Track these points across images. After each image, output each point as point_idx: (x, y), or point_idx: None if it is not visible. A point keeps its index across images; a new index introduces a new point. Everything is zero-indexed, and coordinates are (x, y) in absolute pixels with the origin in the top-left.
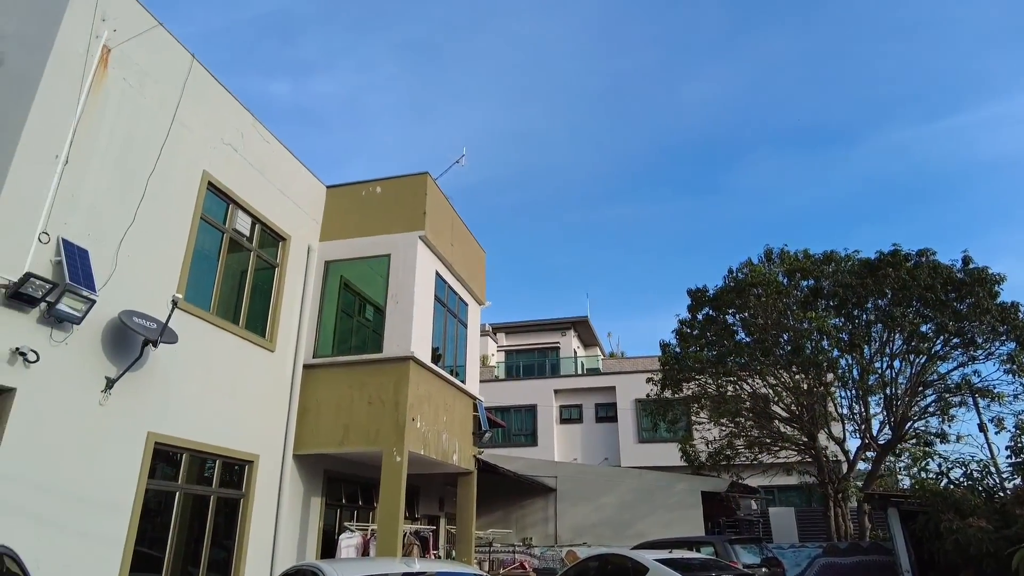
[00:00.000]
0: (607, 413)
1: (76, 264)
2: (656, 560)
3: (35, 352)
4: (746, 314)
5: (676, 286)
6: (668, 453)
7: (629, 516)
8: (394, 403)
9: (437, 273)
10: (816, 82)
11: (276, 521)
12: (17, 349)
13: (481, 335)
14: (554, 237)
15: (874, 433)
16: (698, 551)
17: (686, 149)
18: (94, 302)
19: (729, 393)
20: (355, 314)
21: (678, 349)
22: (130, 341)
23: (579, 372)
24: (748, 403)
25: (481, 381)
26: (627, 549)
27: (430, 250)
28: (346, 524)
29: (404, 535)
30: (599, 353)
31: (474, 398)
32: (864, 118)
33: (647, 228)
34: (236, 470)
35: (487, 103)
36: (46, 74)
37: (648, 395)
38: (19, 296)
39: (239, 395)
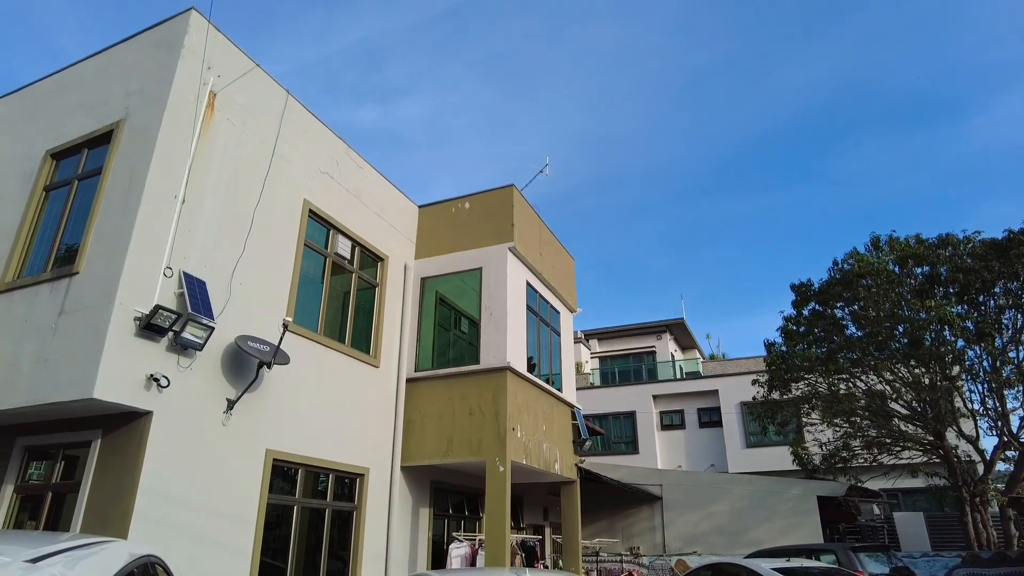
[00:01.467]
0: (711, 418)
1: (196, 295)
2: (773, 569)
3: (166, 378)
4: (856, 307)
5: (776, 282)
6: (779, 457)
7: (741, 524)
8: (494, 413)
9: (528, 283)
10: (921, 53)
11: (388, 532)
12: (152, 376)
13: (574, 342)
14: (644, 239)
15: (1014, 430)
16: (818, 559)
17: (780, 139)
18: (213, 329)
19: (842, 391)
20: (451, 327)
21: (784, 347)
22: (246, 364)
23: (678, 376)
24: (863, 401)
25: (577, 389)
26: (741, 558)
27: (520, 261)
28: (454, 534)
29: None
30: (698, 356)
31: (572, 406)
32: (977, 86)
33: (741, 223)
34: (347, 483)
35: (568, 110)
36: (164, 123)
37: (754, 397)
38: (151, 327)
39: (348, 411)
